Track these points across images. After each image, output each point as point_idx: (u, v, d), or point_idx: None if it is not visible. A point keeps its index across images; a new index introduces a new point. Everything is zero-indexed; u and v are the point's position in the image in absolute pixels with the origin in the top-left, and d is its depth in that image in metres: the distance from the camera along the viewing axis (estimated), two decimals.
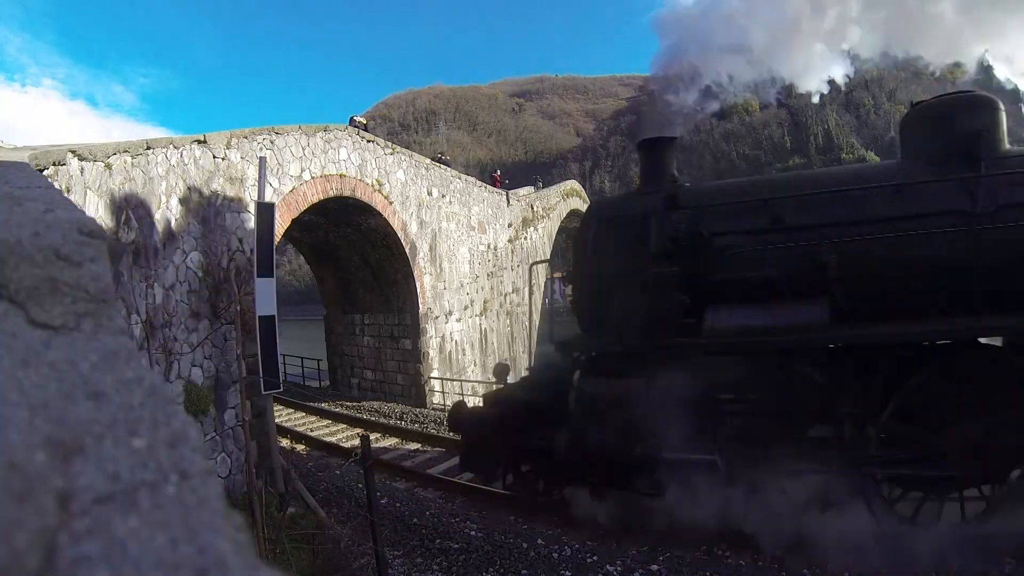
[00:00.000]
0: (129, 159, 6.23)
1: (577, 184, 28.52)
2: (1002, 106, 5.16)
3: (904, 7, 7.03)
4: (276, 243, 8.11)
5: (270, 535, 3.71)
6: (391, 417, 11.76)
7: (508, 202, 18.69)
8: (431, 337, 13.99)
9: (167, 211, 6.75)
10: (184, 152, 7.07)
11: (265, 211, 7.87)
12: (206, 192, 7.40)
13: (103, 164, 5.88)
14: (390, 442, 10.04)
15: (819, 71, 7.68)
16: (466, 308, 15.70)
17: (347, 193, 10.61)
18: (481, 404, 7.04)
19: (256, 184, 8.08)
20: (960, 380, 4.65)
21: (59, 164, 5.22)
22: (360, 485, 6.62)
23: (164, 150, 6.75)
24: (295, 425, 11.24)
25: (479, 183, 17.24)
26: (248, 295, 7.80)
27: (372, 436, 8.46)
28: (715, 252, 5.39)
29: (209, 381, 7.24)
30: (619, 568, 5.27)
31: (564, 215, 23.75)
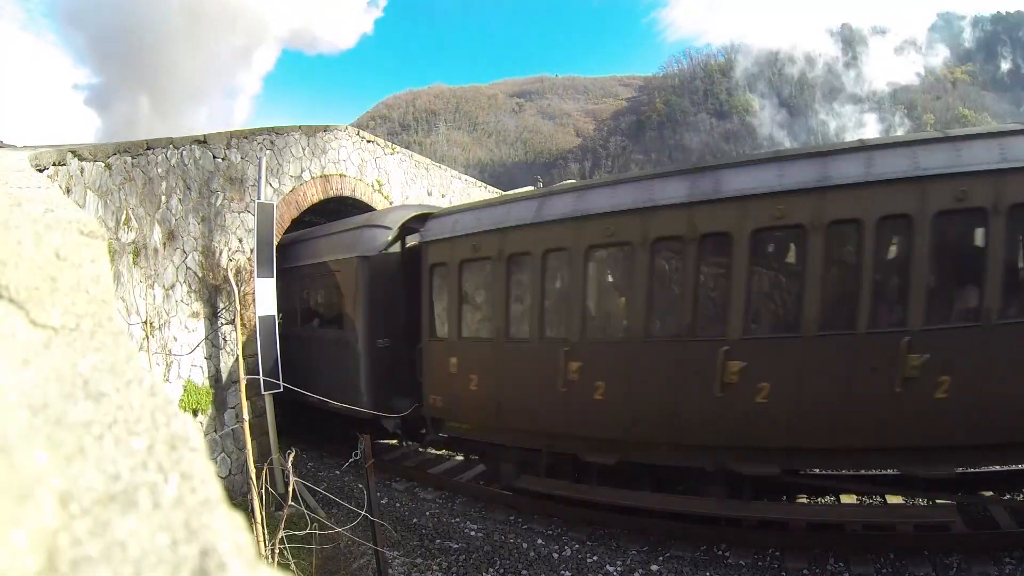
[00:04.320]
0: (129, 159, 6.24)
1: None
2: None
3: None
4: (276, 243, 8.11)
5: (270, 535, 3.71)
6: None
7: None
8: None
9: (167, 211, 6.75)
10: (184, 152, 7.07)
11: (265, 211, 7.87)
12: (206, 192, 7.40)
13: (103, 164, 5.88)
14: None
15: None
16: None
17: (347, 193, 10.61)
18: None
19: (256, 184, 8.08)
20: None
21: (59, 164, 5.22)
22: (360, 485, 6.62)
23: (164, 150, 6.76)
24: None
25: (479, 183, 17.23)
26: (248, 295, 7.80)
27: None
28: None
29: (209, 381, 7.24)
30: (619, 568, 5.27)
31: None
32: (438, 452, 8.91)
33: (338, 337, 8.36)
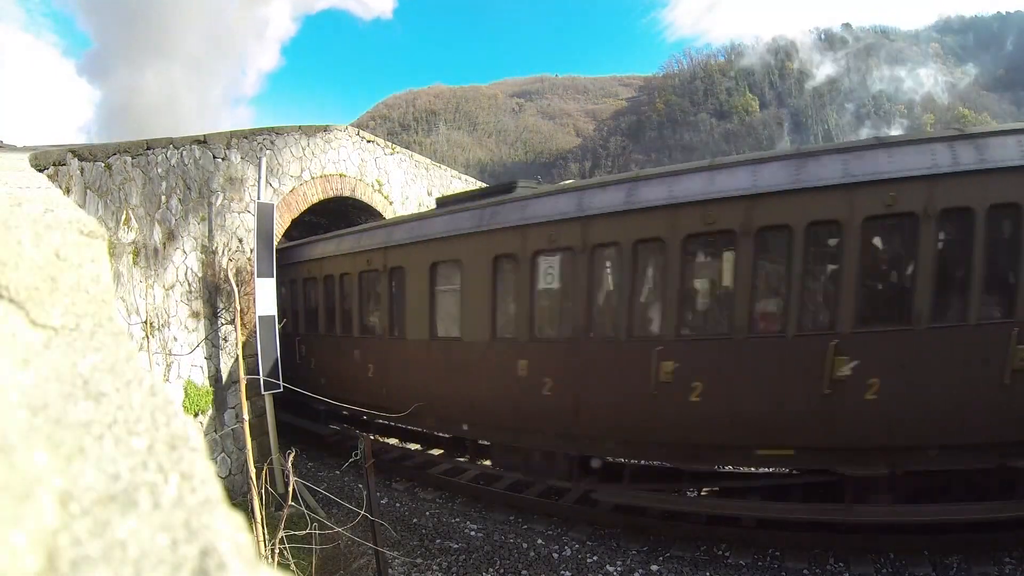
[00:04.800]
0: (129, 159, 6.24)
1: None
2: None
3: None
4: (276, 243, 8.11)
5: (270, 535, 3.71)
6: None
7: None
8: None
9: (167, 211, 6.75)
10: (184, 152, 7.07)
11: (265, 211, 7.88)
12: (206, 192, 7.40)
13: (103, 164, 5.88)
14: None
15: None
16: None
17: (347, 193, 10.62)
18: None
19: (256, 184, 8.08)
20: None
21: (59, 164, 5.23)
22: (360, 485, 6.62)
23: (164, 150, 6.76)
24: None
25: (479, 183, 17.22)
26: (248, 295, 7.81)
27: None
28: None
29: (209, 381, 7.25)
30: (619, 568, 5.27)
31: None
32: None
33: None
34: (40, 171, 4.62)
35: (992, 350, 4.35)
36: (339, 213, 11.44)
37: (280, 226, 8.67)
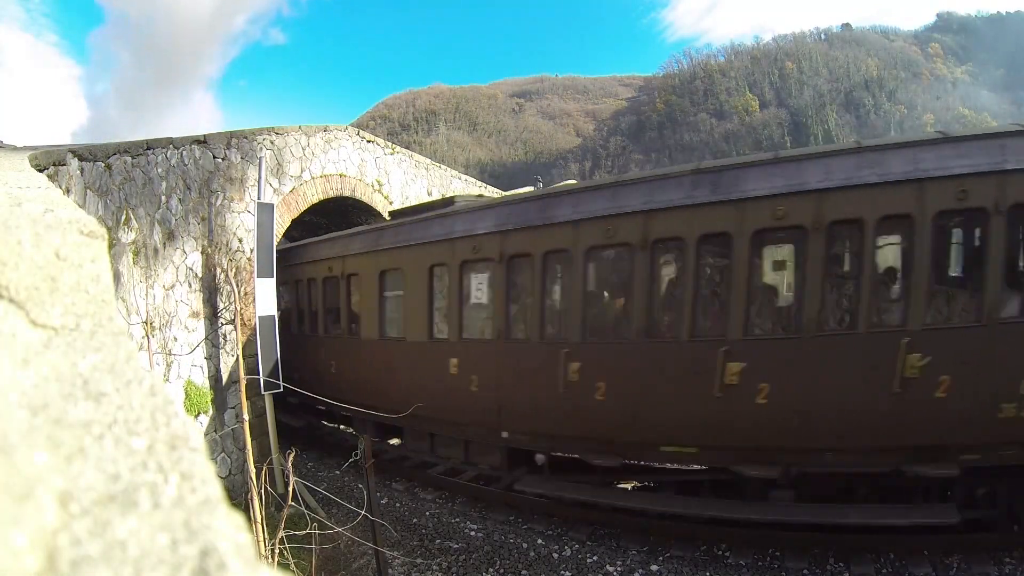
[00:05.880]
0: (129, 159, 6.24)
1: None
2: None
3: None
4: (276, 243, 8.11)
5: (270, 535, 3.71)
6: None
7: None
8: None
9: (167, 211, 6.75)
10: (184, 152, 7.07)
11: (265, 211, 7.87)
12: (206, 192, 7.40)
13: (103, 164, 5.88)
14: None
15: None
16: None
17: (347, 193, 10.61)
18: None
19: (256, 184, 8.08)
20: None
21: (59, 164, 5.22)
22: (360, 485, 6.62)
23: (164, 150, 6.76)
24: None
25: (479, 183, 17.21)
26: (248, 295, 7.81)
27: None
28: None
29: (209, 381, 7.24)
30: (619, 568, 5.27)
31: None
32: None
33: None
34: (40, 171, 4.62)
35: None
36: (339, 213, 11.44)
37: (280, 226, 8.67)
